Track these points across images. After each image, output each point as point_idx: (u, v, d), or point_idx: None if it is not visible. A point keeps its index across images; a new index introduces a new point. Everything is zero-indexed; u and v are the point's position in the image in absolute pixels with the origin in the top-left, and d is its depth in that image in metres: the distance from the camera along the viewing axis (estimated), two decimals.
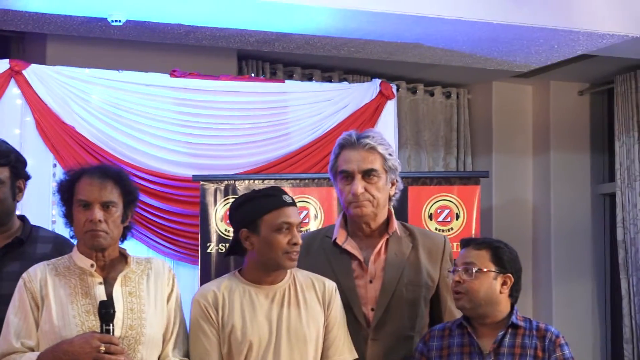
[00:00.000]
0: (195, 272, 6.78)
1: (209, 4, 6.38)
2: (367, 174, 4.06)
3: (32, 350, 3.63)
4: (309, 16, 6.54)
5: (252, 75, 7.97)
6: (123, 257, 3.79)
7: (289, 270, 3.90)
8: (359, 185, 4.04)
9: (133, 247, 6.70)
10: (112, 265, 3.74)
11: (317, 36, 7.11)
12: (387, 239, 4.15)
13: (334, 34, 7.05)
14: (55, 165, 6.63)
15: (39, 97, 6.67)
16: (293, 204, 3.85)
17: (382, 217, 4.15)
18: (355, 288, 4.07)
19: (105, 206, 3.66)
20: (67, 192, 3.74)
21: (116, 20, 6.65)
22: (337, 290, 3.96)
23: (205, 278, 6.27)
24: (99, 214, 3.64)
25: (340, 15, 6.51)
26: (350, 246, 4.13)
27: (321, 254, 4.14)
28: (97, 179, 3.70)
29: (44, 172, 6.50)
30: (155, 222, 6.96)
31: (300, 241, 3.81)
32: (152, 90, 7.00)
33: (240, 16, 6.67)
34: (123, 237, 3.82)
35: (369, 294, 4.07)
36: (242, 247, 3.86)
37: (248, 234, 3.81)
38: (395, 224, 4.18)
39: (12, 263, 3.98)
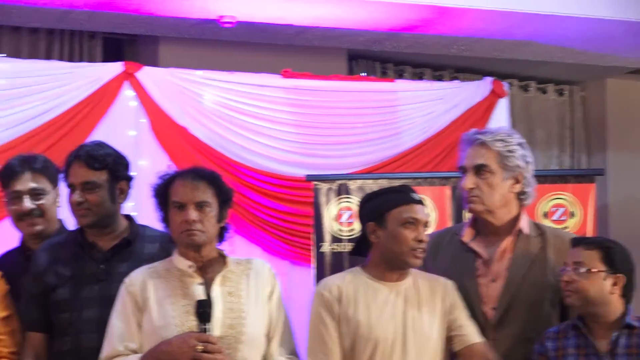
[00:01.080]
0: (309, 272, 6.81)
1: (319, 5, 6.41)
2: (478, 170, 4.01)
3: (135, 352, 3.65)
4: (419, 15, 6.55)
5: (363, 74, 7.99)
6: (221, 257, 3.78)
7: (410, 271, 3.88)
8: (469, 181, 3.99)
9: (246, 248, 6.90)
10: (210, 266, 3.74)
11: (427, 35, 7.10)
12: (516, 238, 4.08)
13: (444, 33, 7.04)
14: (169, 166, 6.72)
15: (152, 99, 6.74)
16: (421, 202, 3.83)
17: (504, 215, 4.05)
18: (477, 286, 3.99)
19: (200, 206, 3.67)
20: (162, 196, 3.76)
21: (227, 22, 6.73)
22: (456, 289, 3.95)
23: (319, 278, 6.23)
24: (193, 214, 3.65)
25: (450, 14, 6.49)
26: (476, 244, 4.06)
27: (447, 251, 4.10)
28: (190, 180, 3.72)
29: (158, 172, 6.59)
30: (269, 222, 6.99)
31: (426, 239, 3.77)
32: (264, 91, 7.03)
33: (350, 16, 6.69)
34: (220, 238, 3.82)
35: (490, 293, 3.99)
36: (368, 244, 3.86)
37: (375, 228, 3.80)
38: (524, 223, 4.07)
39: (121, 264, 3.98)
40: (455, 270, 4.01)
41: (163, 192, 3.76)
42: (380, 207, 3.81)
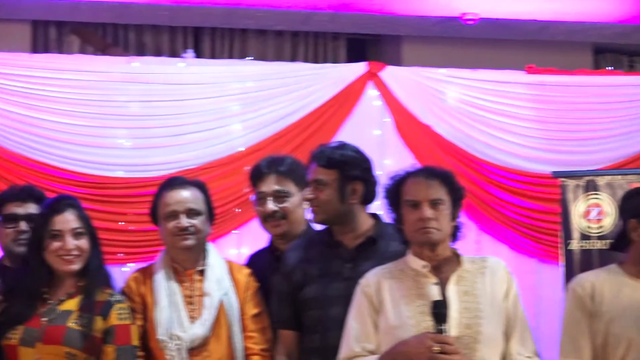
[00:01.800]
0: (557, 270, 6.69)
1: None
2: None
3: (372, 353, 3.66)
4: None
5: (610, 69, 7.78)
6: (455, 256, 3.75)
7: None
8: None
9: (492, 247, 6.85)
10: (444, 265, 3.71)
11: None
12: None
13: None
14: (414, 165, 6.74)
15: (396, 98, 6.80)
16: None
17: None
18: None
19: (434, 204, 3.65)
20: (394, 196, 3.77)
21: (470, 19, 6.71)
22: None
23: (568, 276, 6.13)
24: (428, 211, 3.63)
25: None
26: None
27: None
28: (423, 178, 3.71)
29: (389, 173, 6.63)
30: (515, 219, 6.92)
31: None
32: (507, 88, 6.96)
33: (595, 9, 6.54)
34: (454, 237, 3.78)
35: None
36: (628, 241, 3.76)
37: (637, 225, 3.71)
38: None
39: (365, 262, 3.99)
40: None
41: (395, 192, 3.77)
42: None
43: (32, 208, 4.70)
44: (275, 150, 6.37)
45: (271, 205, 4.53)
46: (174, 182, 4.47)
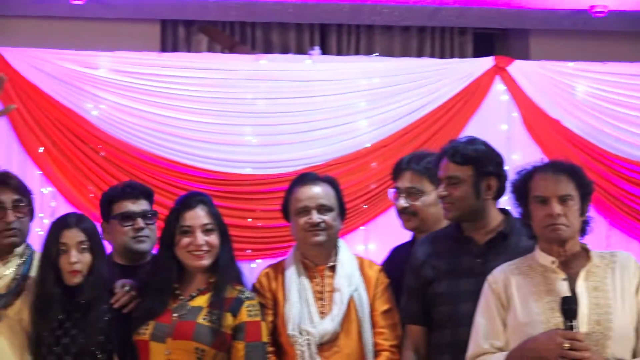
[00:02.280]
0: None
1: None
2: None
3: (500, 350, 3.65)
4: None
5: None
6: (585, 252, 3.72)
7: None
8: None
9: (624, 242, 6.71)
10: (573, 261, 3.67)
11: None
12: None
13: None
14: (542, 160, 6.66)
15: (524, 92, 6.73)
16: None
17: None
18: None
19: (563, 200, 3.62)
20: (521, 191, 3.75)
21: (599, 12, 6.60)
22: None
23: None
24: (557, 207, 3.60)
25: None
26: None
27: None
28: (551, 174, 3.68)
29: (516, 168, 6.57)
30: None
31: None
32: (638, 80, 6.85)
33: None
34: (582, 232, 3.73)
35: None
36: None
37: None
38: None
39: (496, 258, 3.98)
40: None
41: (522, 188, 3.75)
42: None
43: (145, 205, 4.79)
44: (401, 146, 6.40)
45: (402, 202, 4.55)
46: (305, 177, 4.51)
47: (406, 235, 4.82)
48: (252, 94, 6.46)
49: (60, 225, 4.24)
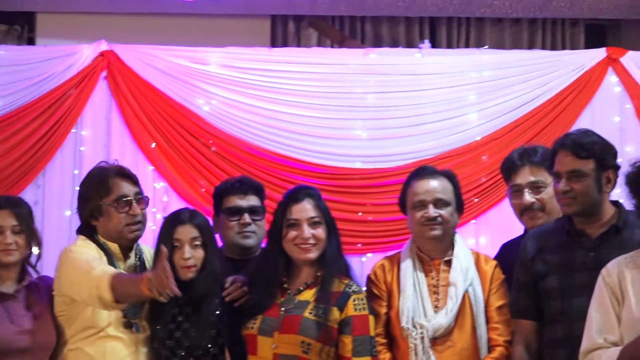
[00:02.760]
0: None
1: None
2: None
3: (615, 345, 3.62)
4: None
5: None
6: None
7: None
8: None
9: None
10: None
11: None
12: None
13: None
14: None
15: (637, 83, 6.62)
16: None
17: None
18: None
19: None
20: (636, 183, 3.71)
21: None
22: None
23: None
24: None
25: None
26: None
27: None
28: None
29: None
30: None
31: None
32: None
33: None
34: None
35: None
36: None
37: None
38: None
39: (610, 251, 3.95)
40: None
41: (637, 180, 3.72)
42: None
43: (253, 200, 4.84)
44: (512, 139, 6.35)
45: (529, 197, 4.53)
46: (424, 171, 4.51)
47: (517, 229, 4.79)
48: (361, 88, 6.47)
49: (174, 221, 4.32)
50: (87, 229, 4.43)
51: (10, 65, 6.26)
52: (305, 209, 4.28)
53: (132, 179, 4.46)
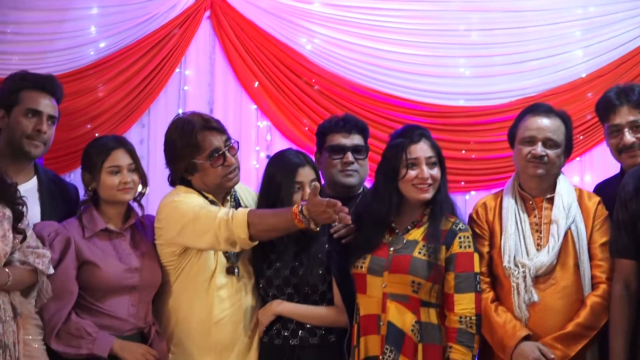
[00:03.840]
0: None
1: None
2: None
3: None
4: None
5: None
6: None
7: None
8: None
9: None
10: None
11: None
12: None
13: None
14: None
15: None
16: None
17: None
18: None
19: None
20: None
21: None
22: None
23: None
24: None
25: None
26: None
27: None
28: None
29: None
30: None
31: None
32: None
33: None
34: None
35: None
36: None
37: None
38: None
39: None
40: None
41: None
42: None
43: (357, 139, 4.85)
44: (617, 77, 6.25)
45: (629, 137, 4.48)
46: (539, 107, 4.50)
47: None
48: (465, 25, 6.44)
49: (293, 164, 4.33)
50: (182, 181, 4.47)
51: (115, 5, 6.35)
52: (424, 149, 4.30)
53: (219, 129, 4.45)
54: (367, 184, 5.04)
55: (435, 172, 4.29)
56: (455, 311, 4.15)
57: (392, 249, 4.24)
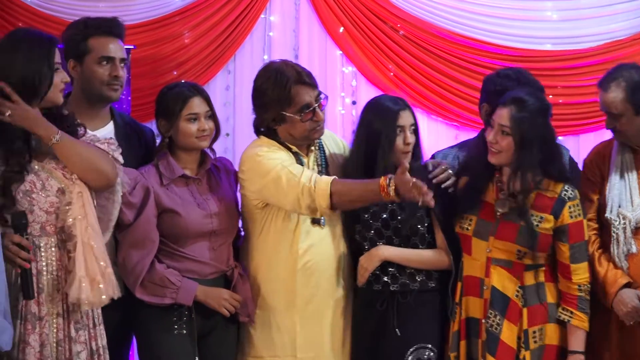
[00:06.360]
0: None
1: None
2: None
3: None
4: None
5: None
6: None
7: None
8: None
9: None
10: None
11: None
12: None
13: None
14: None
15: None
16: None
17: None
18: None
19: None
20: None
21: None
22: None
23: None
24: None
25: None
26: None
27: None
28: None
29: None
30: None
31: None
32: None
33: None
34: None
35: None
36: None
37: None
38: None
39: None
40: None
41: None
42: None
43: None
44: None
45: None
46: None
47: None
48: None
49: (394, 108, 4.32)
50: (267, 131, 4.47)
51: None
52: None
53: (311, 84, 4.41)
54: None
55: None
56: (573, 280, 4.19)
57: (499, 212, 4.24)
